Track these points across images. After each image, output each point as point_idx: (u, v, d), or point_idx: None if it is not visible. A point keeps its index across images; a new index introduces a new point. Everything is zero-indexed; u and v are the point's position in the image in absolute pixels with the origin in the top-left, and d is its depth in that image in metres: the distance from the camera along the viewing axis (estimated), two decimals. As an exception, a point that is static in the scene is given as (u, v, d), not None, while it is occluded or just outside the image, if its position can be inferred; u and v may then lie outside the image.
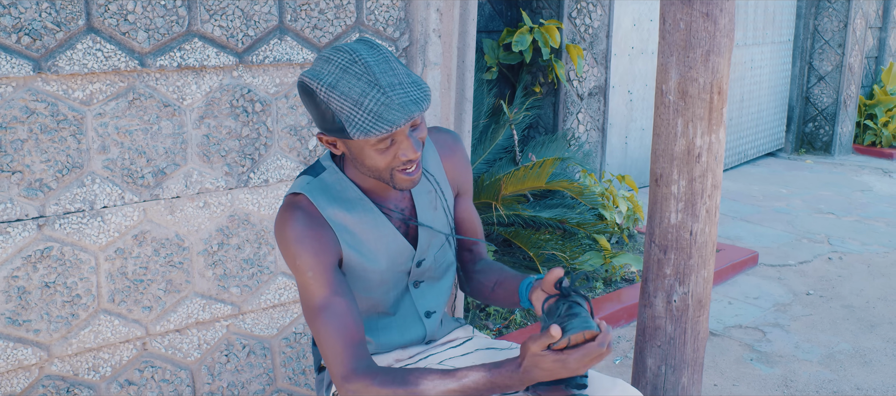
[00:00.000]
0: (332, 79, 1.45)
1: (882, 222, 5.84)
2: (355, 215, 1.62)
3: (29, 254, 2.18)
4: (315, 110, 1.49)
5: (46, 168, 2.17)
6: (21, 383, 2.25)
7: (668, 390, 2.43)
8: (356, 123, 1.43)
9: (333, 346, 1.52)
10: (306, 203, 1.59)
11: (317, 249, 1.55)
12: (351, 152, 1.53)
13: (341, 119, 1.44)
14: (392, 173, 1.53)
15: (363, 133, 1.43)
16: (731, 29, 2.23)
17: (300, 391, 2.79)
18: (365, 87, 1.42)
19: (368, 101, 1.42)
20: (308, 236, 1.55)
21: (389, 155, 1.50)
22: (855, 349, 3.68)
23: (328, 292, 1.54)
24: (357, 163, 1.55)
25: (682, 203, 2.30)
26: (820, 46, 8.14)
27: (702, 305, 2.40)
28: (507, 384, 1.47)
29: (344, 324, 1.53)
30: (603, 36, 5.48)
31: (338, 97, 1.43)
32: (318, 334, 1.55)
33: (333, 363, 1.53)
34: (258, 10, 2.42)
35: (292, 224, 1.55)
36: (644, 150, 6.40)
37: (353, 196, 1.63)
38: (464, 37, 2.93)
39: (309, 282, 1.55)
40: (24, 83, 2.10)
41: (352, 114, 1.43)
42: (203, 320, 2.53)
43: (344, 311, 1.54)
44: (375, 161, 1.51)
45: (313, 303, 1.55)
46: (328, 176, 1.63)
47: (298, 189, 1.61)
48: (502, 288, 1.77)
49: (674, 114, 2.26)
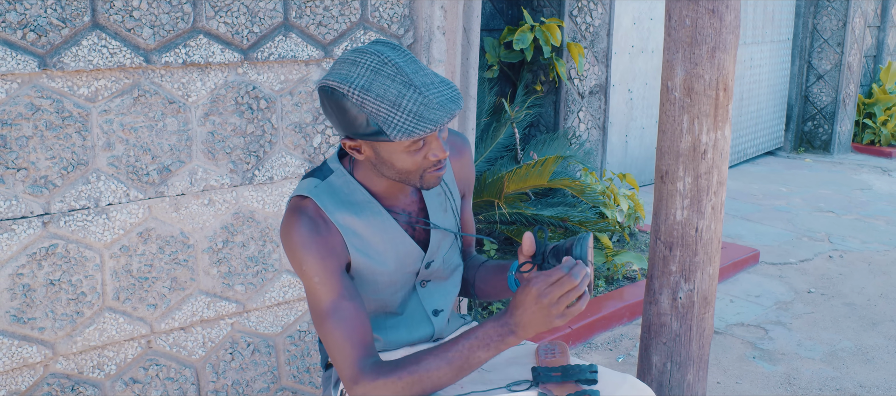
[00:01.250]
0: (363, 81, 1.43)
1: (882, 220, 5.85)
2: (364, 219, 1.61)
3: (34, 252, 2.18)
4: (343, 115, 1.46)
5: (51, 165, 2.16)
6: (26, 381, 2.24)
7: (674, 387, 2.43)
8: (396, 125, 1.41)
9: (342, 350, 1.52)
10: (313, 207, 1.58)
11: (323, 254, 1.54)
12: (379, 156, 1.52)
13: (378, 122, 1.42)
14: (422, 174, 1.53)
15: (405, 134, 1.41)
16: (736, 25, 2.23)
17: (305, 389, 2.79)
18: (401, 88, 1.41)
19: (407, 102, 1.41)
20: (314, 241, 1.54)
21: (420, 156, 1.50)
22: (857, 346, 3.68)
23: (335, 296, 1.54)
24: (385, 166, 1.53)
25: (687, 200, 2.30)
26: (819, 45, 8.14)
27: (707, 302, 2.40)
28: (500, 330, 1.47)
29: (352, 328, 1.53)
30: (603, 34, 5.48)
31: (373, 99, 1.41)
32: (325, 338, 1.54)
33: (343, 366, 1.53)
34: (263, 6, 2.41)
35: (298, 228, 1.55)
36: (644, 149, 6.40)
37: (362, 199, 1.62)
38: (468, 34, 2.92)
39: (316, 287, 1.54)
40: (29, 79, 2.09)
41: (390, 115, 1.41)
42: (208, 318, 2.52)
43: (352, 315, 1.54)
44: (406, 163, 1.50)
45: (321, 308, 1.55)
46: (336, 178, 1.62)
47: (305, 191, 1.60)
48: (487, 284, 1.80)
49: (679, 110, 2.26)
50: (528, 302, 1.43)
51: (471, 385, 1.64)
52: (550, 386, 1.61)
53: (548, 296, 1.41)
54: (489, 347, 1.48)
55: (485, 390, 1.62)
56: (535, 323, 1.44)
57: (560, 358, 1.69)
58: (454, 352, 1.49)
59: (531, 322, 1.44)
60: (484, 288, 1.82)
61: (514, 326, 1.46)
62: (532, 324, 1.44)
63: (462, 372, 1.50)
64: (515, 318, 1.45)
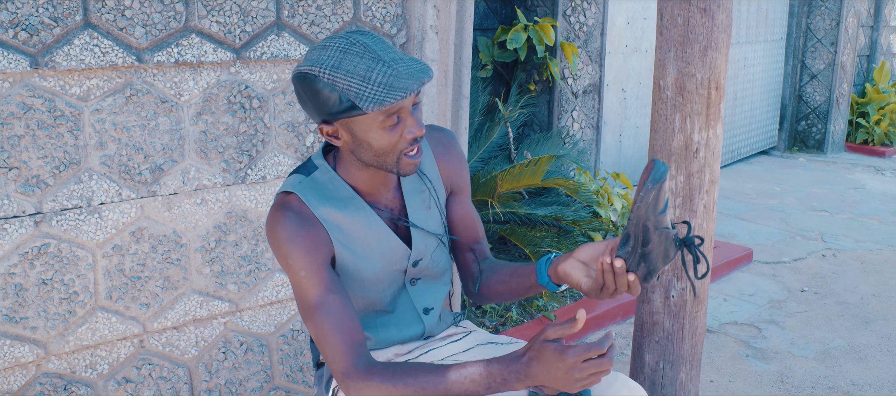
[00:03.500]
0: (333, 61, 1.46)
1: (875, 219, 5.86)
2: (348, 214, 1.61)
3: (26, 251, 2.17)
4: (317, 98, 1.48)
5: (43, 164, 2.16)
6: (18, 381, 2.24)
7: (666, 385, 2.43)
8: (367, 96, 1.44)
9: (332, 343, 1.52)
10: (297, 202, 1.58)
11: (309, 248, 1.55)
12: (356, 138, 1.53)
13: (350, 97, 1.45)
14: (398, 157, 1.53)
15: (377, 103, 1.43)
16: (728, 24, 2.23)
17: (298, 388, 2.79)
18: (370, 63, 1.45)
19: (376, 75, 1.44)
20: (300, 235, 1.55)
21: (396, 134, 1.51)
22: (849, 345, 3.69)
23: (322, 289, 1.54)
24: (362, 148, 1.54)
25: (679, 198, 2.31)
26: (812, 45, 8.17)
27: (700, 301, 2.41)
28: (506, 375, 1.45)
29: (341, 321, 1.53)
30: (597, 34, 5.48)
31: (343, 75, 1.45)
32: (315, 332, 1.54)
33: (333, 360, 1.52)
34: (255, 5, 2.41)
35: (283, 223, 1.55)
36: (638, 148, 6.41)
37: (346, 194, 1.62)
38: (461, 33, 2.92)
39: (302, 281, 1.55)
40: (20, 79, 2.09)
41: (361, 88, 1.44)
42: (200, 317, 2.52)
43: (339, 308, 1.54)
44: (382, 141, 1.51)
45: (308, 302, 1.55)
46: (320, 174, 1.63)
47: (289, 187, 1.61)
48: (516, 277, 1.73)
49: (671, 109, 2.27)
50: (553, 362, 1.40)
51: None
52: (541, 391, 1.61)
53: (580, 371, 1.40)
54: (490, 387, 1.47)
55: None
56: (550, 383, 1.43)
57: (552, 357, 1.69)
58: (454, 380, 1.47)
59: (547, 380, 1.42)
60: (499, 288, 1.77)
61: (525, 376, 1.44)
62: (547, 382, 1.43)
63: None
64: (531, 370, 1.43)
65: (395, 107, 1.47)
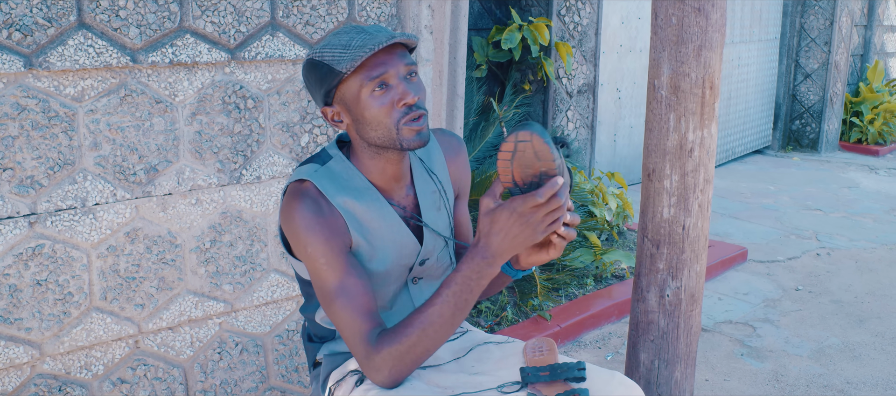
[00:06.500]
0: (325, 41, 1.56)
1: (869, 218, 5.88)
2: (364, 204, 1.61)
3: (20, 252, 2.17)
4: (311, 77, 1.57)
5: (38, 165, 2.15)
6: (12, 382, 2.23)
7: (661, 384, 2.44)
8: (344, 60, 1.50)
9: (352, 326, 1.53)
10: (313, 189, 1.58)
11: (328, 235, 1.55)
12: (353, 114, 1.56)
13: (332, 64, 1.52)
14: (398, 128, 1.54)
15: (350, 61, 1.49)
16: (722, 24, 2.24)
17: (293, 388, 2.78)
18: (352, 34, 1.53)
19: (355, 42, 1.51)
20: (318, 222, 1.55)
21: (387, 102, 1.53)
22: (844, 343, 3.70)
23: (342, 274, 1.54)
24: (361, 124, 1.56)
25: (674, 197, 2.31)
26: (806, 44, 8.18)
27: (694, 300, 2.41)
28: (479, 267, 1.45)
29: (361, 304, 1.54)
30: (592, 34, 5.49)
31: (329, 50, 1.53)
32: (335, 317, 1.55)
33: (354, 343, 1.53)
34: (250, 6, 2.41)
35: (301, 210, 1.55)
36: (633, 148, 6.42)
37: (361, 185, 1.63)
38: (455, 33, 2.93)
39: (322, 269, 1.55)
40: (14, 79, 2.08)
41: (341, 55, 1.51)
42: (196, 318, 2.52)
43: (360, 291, 1.54)
44: (374, 110, 1.53)
45: (329, 288, 1.55)
46: (335, 164, 1.63)
47: (305, 175, 1.60)
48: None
49: (666, 108, 2.27)
50: (505, 223, 1.40)
51: (461, 387, 1.64)
52: (539, 386, 1.61)
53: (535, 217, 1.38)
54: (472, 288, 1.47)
55: (475, 392, 1.62)
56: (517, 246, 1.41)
57: (548, 356, 1.69)
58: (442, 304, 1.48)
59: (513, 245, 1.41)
60: None
61: (493, 255, 1.43)
62: (514, 246, 1.41)
63: (457, 319, 1.49)
64: (492, 245, 1.42)
65: (376, 71, 1.51)
